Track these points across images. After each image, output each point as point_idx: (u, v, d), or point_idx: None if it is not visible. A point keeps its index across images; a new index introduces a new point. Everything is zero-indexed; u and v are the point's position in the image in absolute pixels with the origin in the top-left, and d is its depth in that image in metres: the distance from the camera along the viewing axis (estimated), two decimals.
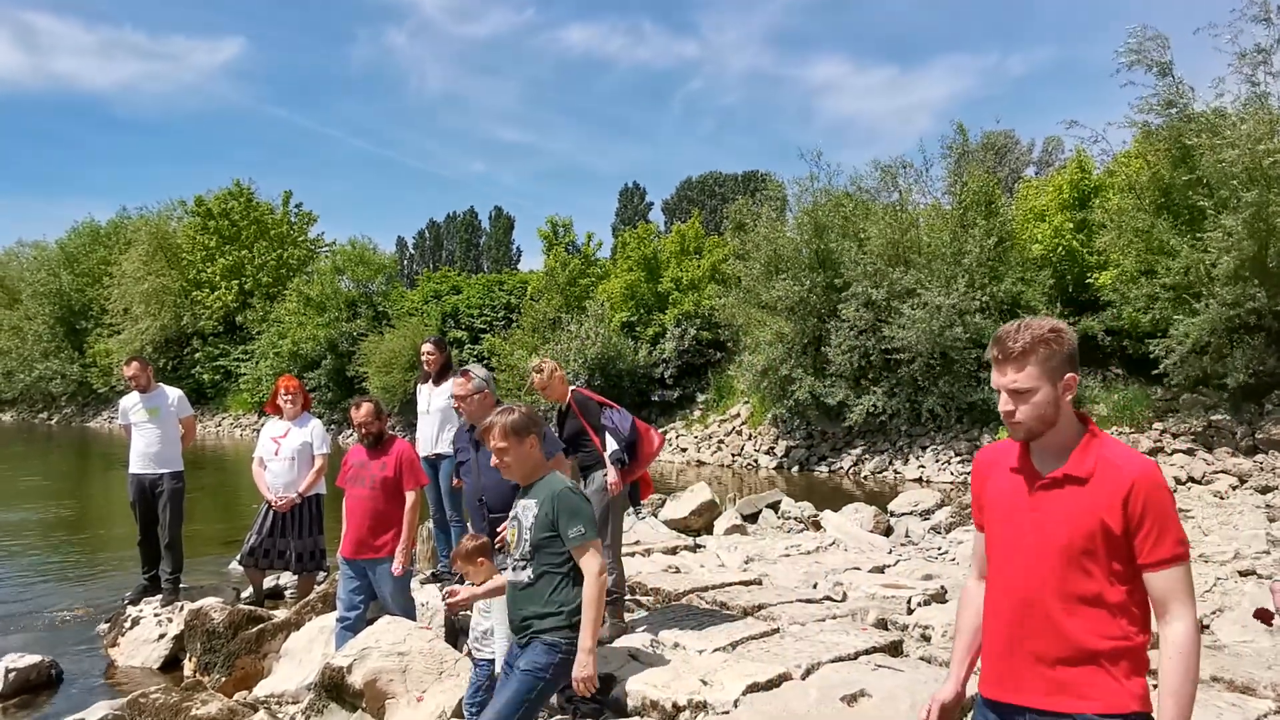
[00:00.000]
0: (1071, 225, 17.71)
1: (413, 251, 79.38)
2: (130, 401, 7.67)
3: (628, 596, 6.15)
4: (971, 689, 2.40)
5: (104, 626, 7.31)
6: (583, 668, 3.26)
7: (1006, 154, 30.81)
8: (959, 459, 16.75)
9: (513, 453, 3.40)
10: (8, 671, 6.14)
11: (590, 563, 3.29)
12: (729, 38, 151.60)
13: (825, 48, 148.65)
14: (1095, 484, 2.15)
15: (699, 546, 8.49)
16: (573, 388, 5.57)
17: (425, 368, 7.02)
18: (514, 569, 3.44)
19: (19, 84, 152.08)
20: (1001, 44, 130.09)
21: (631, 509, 6.18)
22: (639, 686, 4.38)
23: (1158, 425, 15.48)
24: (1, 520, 13.53)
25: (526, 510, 3.41)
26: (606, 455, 5.36)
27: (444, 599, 4.02)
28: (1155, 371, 15.12)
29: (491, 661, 4.03)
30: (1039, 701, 2.17)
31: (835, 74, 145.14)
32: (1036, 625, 2.18)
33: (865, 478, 17.40)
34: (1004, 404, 2.25)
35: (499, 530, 4.25)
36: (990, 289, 17.18)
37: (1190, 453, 14.49)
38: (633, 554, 7.76)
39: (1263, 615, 2.92)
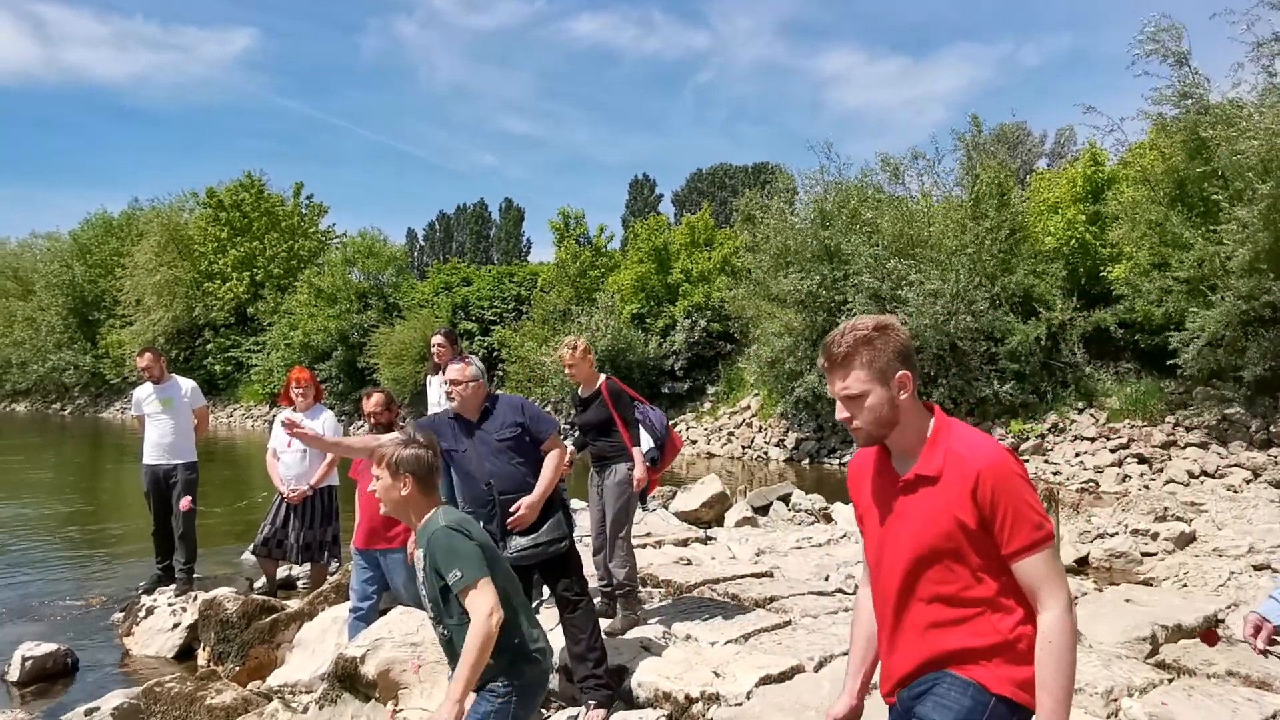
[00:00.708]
0: (1084, 218, 17.60)
1: (423, 243, 79.50)
2: (144, 393, 7.70)
3: (640, 589, 6.16)
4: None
5: (119, 616, 7.37)
6: (441, 714, 2.80)
7: (1018, 146, 30.63)
8: None
9: (382, 485, 3.10)
10: (24, 659, 6.20)
11: (476, 604, 2.87)
12: (740, 28, 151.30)
13: (836, 38, 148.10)
14: (946, 481, 2.09)
15: (710, 539, 8.49)
16: (606, 376, 5.53)
17: (435, 359, 7.01)
18: (431, 624, 3.17)
19: (31, 75, 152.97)
20: (1015, 34, 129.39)
21: (640, 505, 6.18)
22: (651, 678, 4.38)
23: (1170, 419, 15.40)
24: (18, 510, 13.63)
25: (419, 560, 3.10)
26: (638, 450, 5.33)
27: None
28: (1169, 364, 15.04)
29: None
30: (911, 677, 2.16)
31: (846, 64, 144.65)
32: (908, 631, 2.16)
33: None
34: (840, 412, 2.19)
35: (512, 511, 4.25)
36: (1002, 281, 17.11)
37: (1204, 446, 14.41)
38: (644, 546, 7.77)
39: (1207, 637, 2.95)
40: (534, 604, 5.33)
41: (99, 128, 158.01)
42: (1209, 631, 3.13)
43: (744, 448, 20.55)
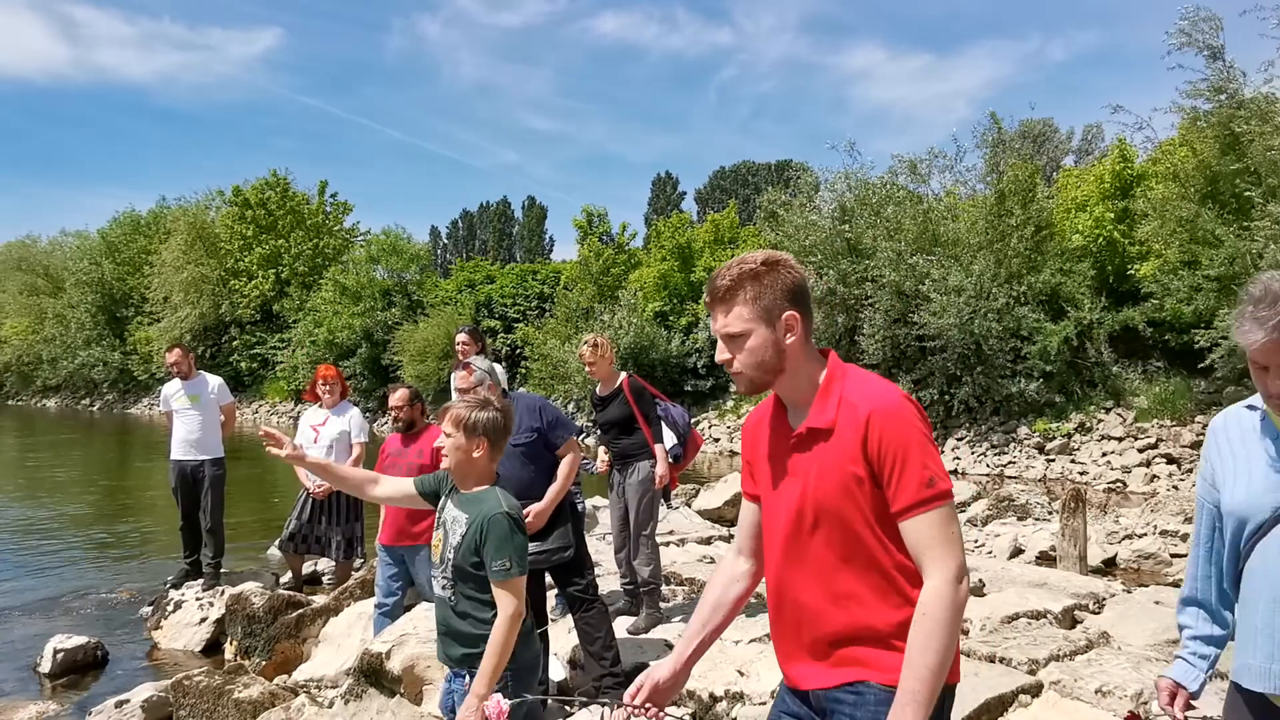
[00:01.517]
0: (1112, 215, 17.42)
1: (446, 241, 79.91)
2: (172, 389, 7.78)
3: (663, 587, 6.16)
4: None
5: (147, 610, 7.45)
6: (466, 710, 2.82)
7: (1045, 143, 30.36)
8: (994, 451, 16.58)
9: (453, 444, 3.06)
10: (56, 652, 6.29)
11: (508, 601, 2.88)
12: (763, 25, 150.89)
13: (860, 35, 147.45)
14: (839, 433, 1.86)
15: (733, 537, 8.48)
16: (627, 373, 5.52)
17: (459, 357, 7.02)
18: (440, 585, 3.10)
19: (62, 75, 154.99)
20: (1042, 29, 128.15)
21: (663, 501, 6.17)
22: None
23: (1200, 419, 15.21)
24: (49, 505, 13.82)
25: (455, 524, 3.04)
26: (660, 448, 5.33)
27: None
28: (1199, 365, 14.85)
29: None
30: (819, 682, 1.92)
31: (870, 61, 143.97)
32: (806, 607, 1.93)
33: None
34: (719, 353, 1.98)
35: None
36: (1029, 280, 16.95)
37: None
38: (667, 544, 7.77)
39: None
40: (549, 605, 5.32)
41: (127, 127, 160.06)
42: (1130, 715, 2.85)
43: None
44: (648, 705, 2.03)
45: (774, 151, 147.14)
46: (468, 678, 2.97)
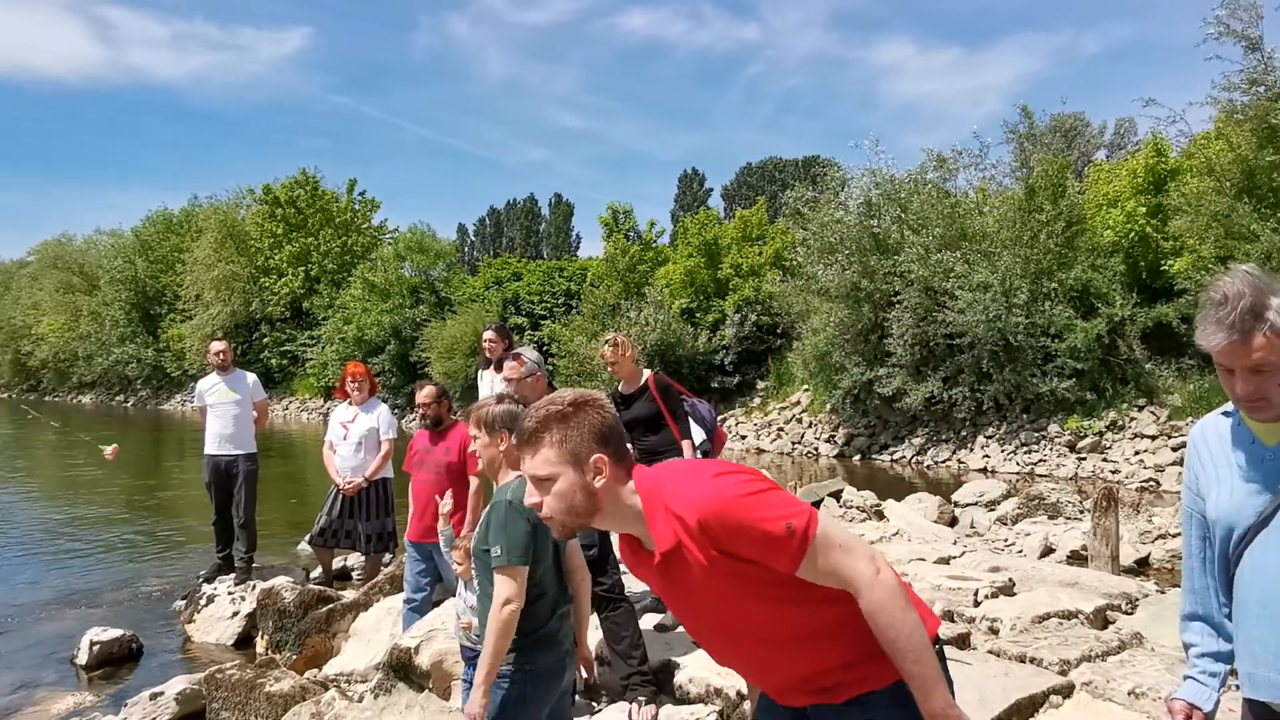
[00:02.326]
0: (1145, 210, 17.17)
1: (473, 238, 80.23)
2: (207, 384, 7.87)
3: None
4: None
5: (181, 603, 7.56)
6: (471, 704, 2.86)
7: (1076, 137, 29.98)
8: (1024, 449, 16.41)
9: (480, 444, 3.16)
10: (92, 644, 6.39)
11: (498, 590, 2.88)
12: (790, 20, 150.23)
13: (888, 29, 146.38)
14: (687, 545, 1.82)
15: None
16: (652, 370, 5.50)
17: (487, 354, 7.04)
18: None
19: (97, 77, 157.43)
20: (1075, 21, 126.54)
21: None
22: (703, 673, 4.38)
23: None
24: (85, 500, 14.05)
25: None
26: (688, 443, 5.29)
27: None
28: None
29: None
30: (818, 704, 1.96)
31: (899, 56, 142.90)
32: (768, 682, 2.00)
33: (928, 467, 17.15)
34: (528, 497, 1.95)
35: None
36: (1059, 276, 16.76)
37: None
38: None
39: None
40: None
41: (160, 127, 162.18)
42: None
43: (794, 443, 20.43)
44: None
45: (802, 147, 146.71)
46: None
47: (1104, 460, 15.31)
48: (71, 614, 7.59)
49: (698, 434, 5.39)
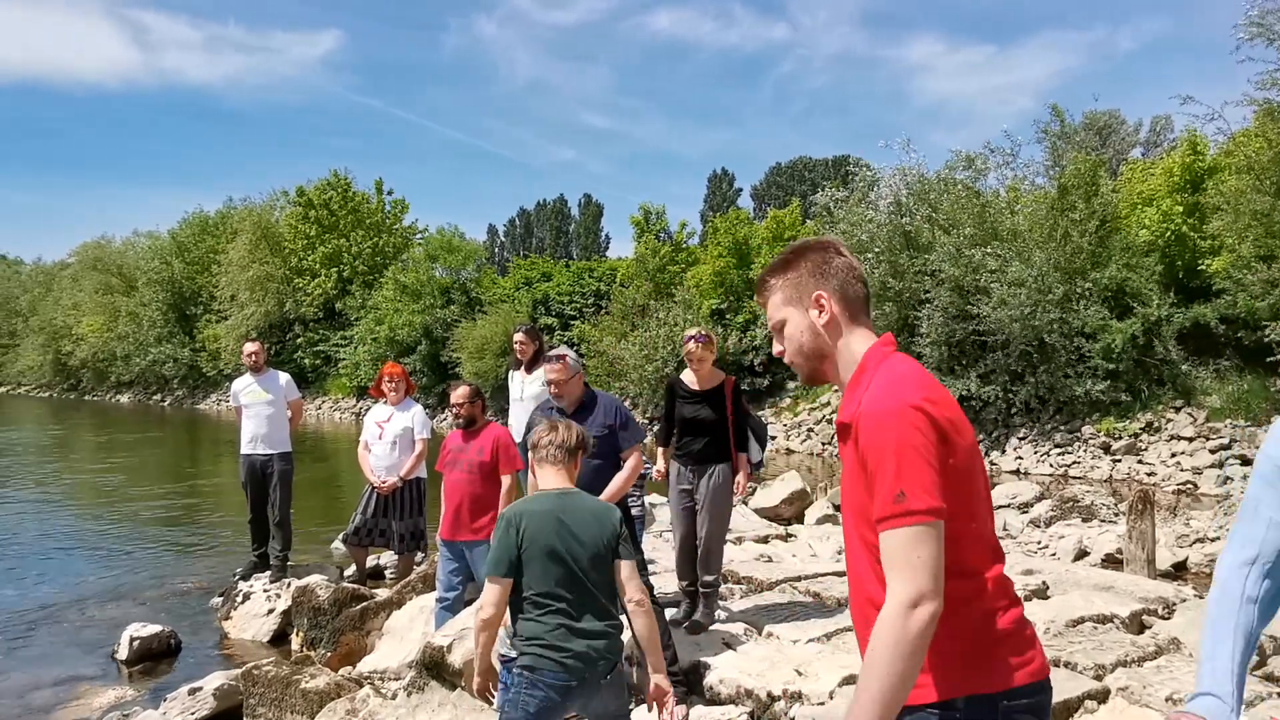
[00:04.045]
0: (1182, 209, 16.92)
1: (503, 239, 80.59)
2: (242, 384, 7.97)
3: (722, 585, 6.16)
4: None
5: (218, 600, 7.67)
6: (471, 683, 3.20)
7: (1110, 135, 29.54)
8: (1058, 450, 16.23)
9: None
10: (132, 640, 6.51)
11: (481, 597, 3.20)
12: (820, 19, 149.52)
13: (918, 27, 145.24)
14: (854, 430, 1.76)
15: (791, 536, 8.44)
16: (729, 375, 5.42)
17: (518, 355, 7.07)
18: None
19: (133, 80, 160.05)
20: (1109, 18, 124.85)
21: None
22: (734, 675, 4.38)
23: (1276, 418, 14.72)
24: (125, 498, 14.30)
25: None
26: (744, 457, 5.26)
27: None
28: (1270, 360, 14.36)
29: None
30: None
31: (929, 54, 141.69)
32: (853, 618, 1.88)
33: None
34: (775, 347, 1.96)
35: None
36: (1093, 276, 16.55)
37: None
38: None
39: None
40: None
41: (194, 129, 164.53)
42: None
43: (824, 444, 20.34)
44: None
45: (831, 147, 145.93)
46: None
47: (1139, 462, 15.11)
48: (112, 610, 7.74)
49: (756, 450, 5.31)
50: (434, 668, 4.64)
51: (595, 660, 3.15)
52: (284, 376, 8.08)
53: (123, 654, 6.49)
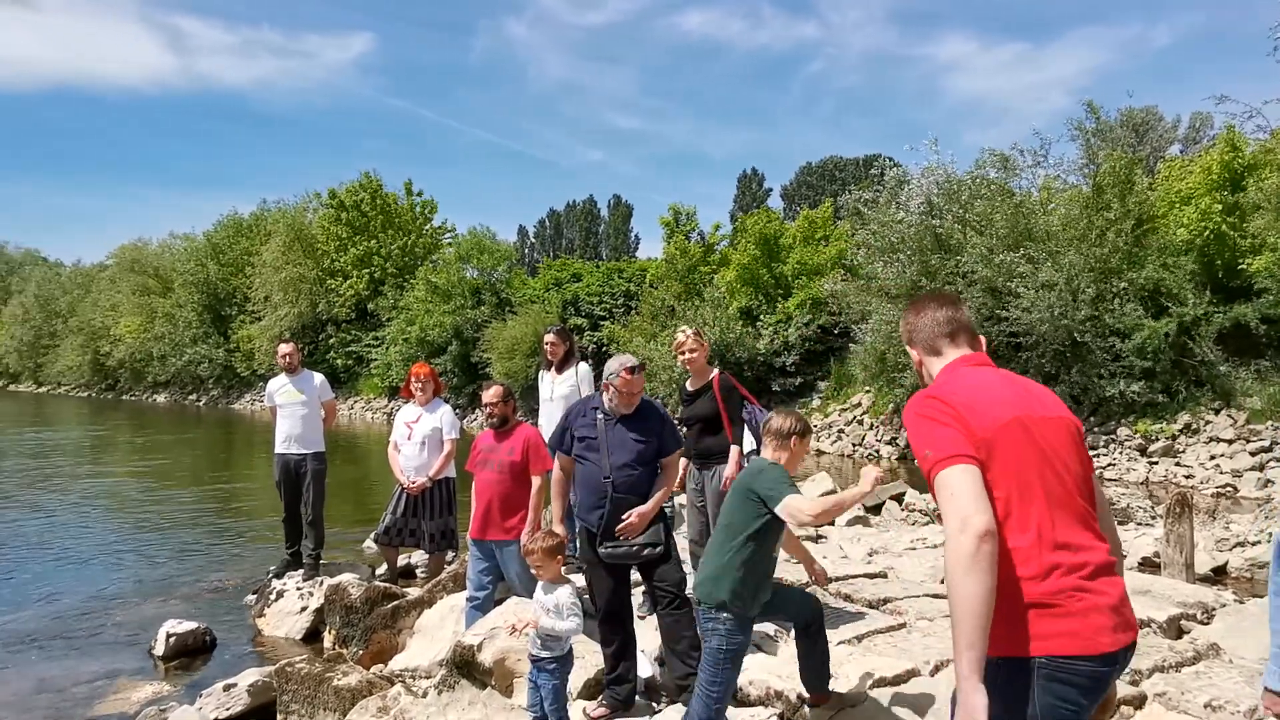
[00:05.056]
0: (1221, 207, 16.63)
1: (533, 240, 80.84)
2: (277, 384, 8.05)
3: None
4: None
5: (251, 598, 7.75)
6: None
7: (1148, 132, 29.05)
8: (1092, 452, 16.01)
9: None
10: (169, 636, 6.61)
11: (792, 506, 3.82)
12: (850, 17, 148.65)
13: (950, 24, 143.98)
14: None
15: (820, 537, 8.39)
16: (719, 370, 5.47)
17: (549, 356, 7.07)
18: None
19: (170, 85, 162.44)
20: (1144, 13, 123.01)
21: None
22: (763, 676, 4.36)
23: None
24: (162, 497, 14.51)
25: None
26: (736, 449, 5.26)
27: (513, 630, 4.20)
28: None
29: (554, 667, 4.08)
30: None
31: (961, 52, 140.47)
32: None
33: None
34: None
35: (624, 517, 4.31)
36: (1129, 275, 16.31)
37: None
38: None
39: None
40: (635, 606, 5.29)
41: (229, 132, 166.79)
42: None
43: (854, 445, 20.21)
44: None
45: (862, 146, 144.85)
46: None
47: (1177, 464, 14.87)
48: (149, 606, 7.85)
49: (748, 442, 5.34)
50: (464, 666, 4.66)
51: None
52: (318, 377, 8.14)
53: (159, 650, 6.59)
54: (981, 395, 2.20)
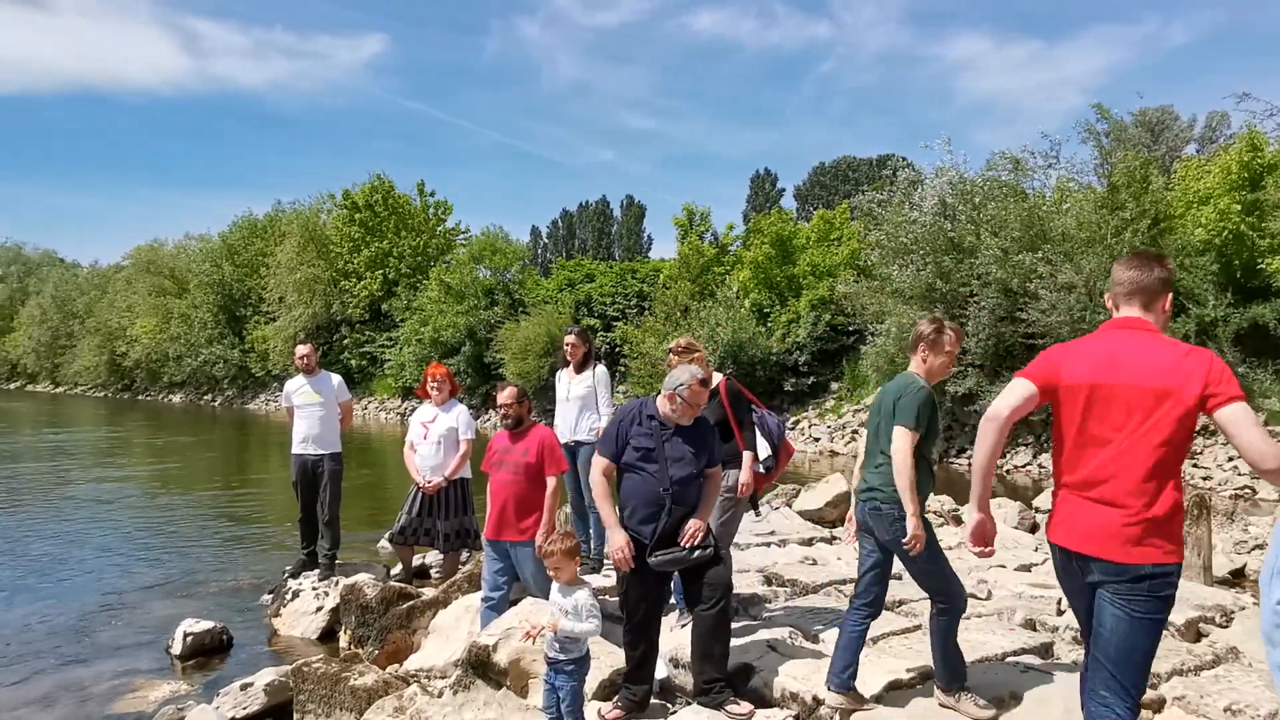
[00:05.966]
0: (1240, 207, 16.49)
1: (546, 240, 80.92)
2: (294, 385, 8.08)
3: (765, 587, 6.13)
4: None
5: (268, 597, 7.80)
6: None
7: (1163, 131, 28.84)
8: None
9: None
10: (186, 635, 6.65)
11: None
12: (863, 16, 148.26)
13: (964, 23, 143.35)
14: None
15: (835, 539, 8.37)
16: (724, 375, 5.43)
17: (568, 357, 7.06)
18: None
19: (185, 86, 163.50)
20: (1160, 11, 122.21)
21: (751, 510, 6.03)
22: (779, 678, 4.36)
23: None
24: (180, 497, 14.60)
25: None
26: (749, 455, 5.17)
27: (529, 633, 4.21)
28: None
29: (572, 669, 4.09)
30: None
31: (975, 51, 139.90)
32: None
33: (1007, 472, 16.75)
34: None
35: (687, 528, 4.29)
36: None
37: None
38: (768, 544, 7.73)
39: None
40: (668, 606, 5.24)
41: (243, 134, 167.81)
42: None
43: None
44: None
45: (875, 146, 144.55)
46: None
47: (1194, 466, 14.78)
48: (167, 605, 7.91)
49: (763, 447, 5.29)
50: (479, 667, 4.68)
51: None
52: (335, 378, 8.18)
53: (176, 649, 6.64)
54: (1081, 356, 2.94)
